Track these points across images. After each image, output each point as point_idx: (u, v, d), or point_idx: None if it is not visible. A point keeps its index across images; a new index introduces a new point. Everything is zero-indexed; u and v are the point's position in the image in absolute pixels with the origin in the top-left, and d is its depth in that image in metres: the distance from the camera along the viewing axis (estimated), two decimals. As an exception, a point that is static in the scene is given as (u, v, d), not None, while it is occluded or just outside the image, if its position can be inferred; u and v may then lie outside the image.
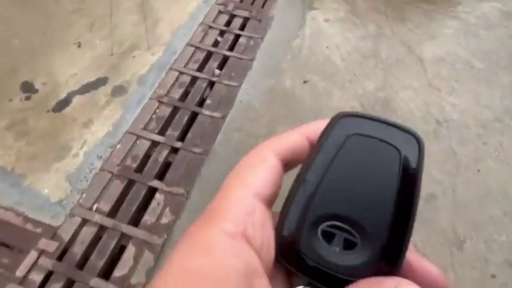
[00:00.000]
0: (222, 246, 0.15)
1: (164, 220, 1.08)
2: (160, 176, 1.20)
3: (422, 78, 1.50)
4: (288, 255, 0.17)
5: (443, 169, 1.18)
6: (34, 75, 1.49)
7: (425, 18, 1.79)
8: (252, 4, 1.87)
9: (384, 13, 1.82)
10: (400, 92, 1.45)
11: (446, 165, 1.20)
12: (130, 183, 1.16)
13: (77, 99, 1.40)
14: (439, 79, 1.50)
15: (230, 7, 1.82)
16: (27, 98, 1.41)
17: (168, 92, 1.44)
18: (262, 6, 1.86)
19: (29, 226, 1.05)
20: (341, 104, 1.39)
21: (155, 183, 1.16)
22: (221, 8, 1.82)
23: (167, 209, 1.11)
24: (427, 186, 1.14)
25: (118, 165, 1.20)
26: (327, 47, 1.63)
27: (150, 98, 1.41)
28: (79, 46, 1.61)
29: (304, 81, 1.48)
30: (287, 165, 0.20)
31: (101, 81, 1.47)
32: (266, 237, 0.17)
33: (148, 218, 1.09)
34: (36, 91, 1.43)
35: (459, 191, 1.13)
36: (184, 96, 1.45)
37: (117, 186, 1.15)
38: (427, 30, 1.73)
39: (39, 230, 1.04)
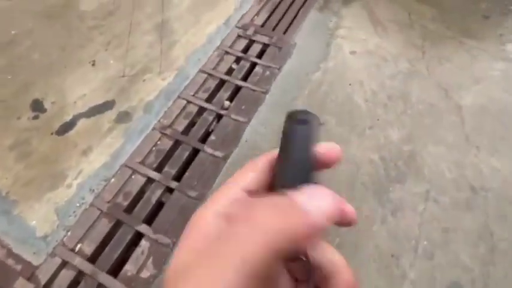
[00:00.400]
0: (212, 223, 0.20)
1: (145, 273, 0.99)
2: (150, 218, 1.12)
3: (459, 131, 1.30)
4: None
5: (475, 253, 0.99)
6: (45, 92, 1.48)
7: (469, 57, 1.58)
8: (273, 29, 1.76)
9: (420, 48, 1.63)
10: (430, 146, 1.26)
11: (479, 248, 1.00)
12: (117, 225, 1.10)
13: (81, 123, 1.37)
14: (478, 134, 1.29)
15: (250, 31, 1.72)
16: (35, 118, 1.40)
17: (173, 122, 1.36)
18: (285, 32, 1.74)
19: (10, 261, 1.01)
20: (358, 154, 1.23)
21: (143, 228, 1.08)
22: (240, 32, 1.73)
23: (150, 260, 1.02)
24: (451, 271, 0.95)
25: (108, 202, 1.13)
26: (349, 84, 1.48)
27: (153, 128, 1.34)
28: (93, 65, 1.60)
29: (319, 124, 1.34)
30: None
31: (108, 105, 1.43)
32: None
33: (129, 268, 1.01)
34: (45, 110, 1.42)
35: (492, 284, 0.93)
36: (189, 128, 1.36)
37: (104, 226, 1.09)
38: (470, 72, 1.51)
39: (19, 268, 1.00)
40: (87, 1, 1.93)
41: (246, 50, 1.66)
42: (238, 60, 1.61)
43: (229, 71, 1.57)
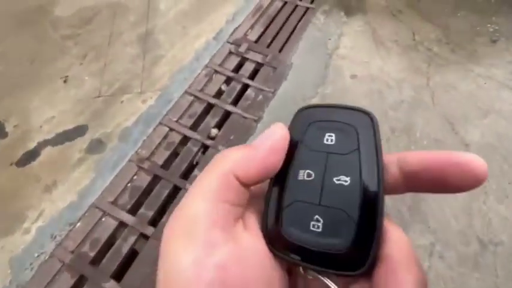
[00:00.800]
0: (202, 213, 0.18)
1: None
2: (119, 272, 0.97)
3: (466, 173, 1.19)
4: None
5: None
6: (8, 113, 1.31)
7: (475, 86, 1.47)
8: (268, 46, 1.61)
9: (425, 74, 1.51)
10: (435, 190, 1.14)
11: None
12: (81, 280, 0.95)
13: (47, 152, 1.21)
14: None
15: (243, 48, 1.57)
16: (-6, 143, 1.23)
17: (152, 154, 1.21)
18: (280, 50, 1.60)
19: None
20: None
21: (110, 285, 0.93)
22: (232, 48, 1.58)
23: (117, 328, 0.88)
24: None
25: (72, 252, 0.98)
26: (349, 113, 1.35)
27: (130, 160, 1.19)
28: (65, 81, 1.43)
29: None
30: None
31: (79, 130, 1.27)
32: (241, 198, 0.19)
33: (92, 337, 0.86)
34: (5, 135, 1.25)
35: None
36: (170, 161, 1.22)
37: (65, 282, 0.94)
38: (476, 103, 1.41)
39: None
40: (64, 6, 1.75)
41: (237, 69, 1.52)
42: (228, 80, 1.47)
43: (218, 94, 1.42)
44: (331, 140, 0.19)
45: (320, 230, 0.17)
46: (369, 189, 0.17)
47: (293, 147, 0.19)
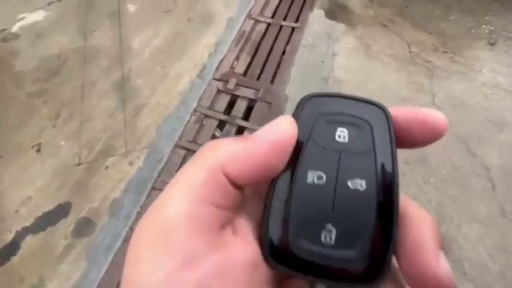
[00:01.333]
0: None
1: None
2: None
3: (491, 201, 1.11)
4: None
5: None
6: (-24, 200, 1.14)
7: (482, 96, 1.39)
8: (258, 78, 1.49)
9: (429, 90, 1.42)
10: (464, 226, 1.06)
11: None
12: None
13: (27, 243, 1.05)
14: (515, 203, 1.10)
15: (231, 84, 1.44)
16: (-36, 240, 1.06)
17: (149, 227, 1.07)
18: (272, 81, 1.47)
19: None
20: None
21: None
22: (220, 85, 1.45)
23: None
24: None
25: None
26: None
27: (125, 240, 1.05)
28: (38, 150, 1.26)
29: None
30: None
31: (61, 210, 1.11)
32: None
33: None
34: (-24, 228, 1.08)
35: None
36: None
37: None
38: (488, 117, 1.33)
39: None
40: (26, 56, 1.57)
41: (229, 109, 1.38)
42: (221, 124, 1.34)
43: (213, 142, 1.29)
44: (344, 137, 0.17)
45: (333, 240, 0.16)
46: (386, 195, 0.16)
47: (299, 142, 0.17)
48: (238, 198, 0.17)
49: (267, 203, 0.17)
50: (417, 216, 0.16)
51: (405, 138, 0.17)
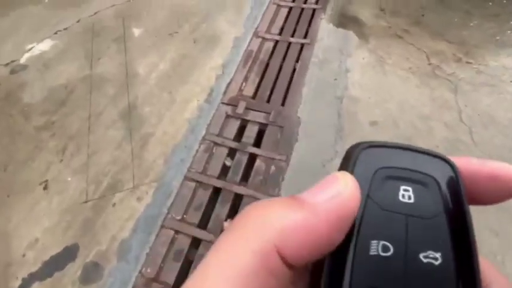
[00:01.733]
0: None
1: None
2: None
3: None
4: None
5: None
6: (-16, 243, 1.11)
7: (515, 111, 1.27)
8: (268, 100, 1.42)
9: (455, 106, 1.32)
10: (508, 259, 0.94)
11: None
12: None
13: (34, 290, 1.01)
14: None
15: (241, 108, 1.38)
16: (-29, 288, 1.03)
17: (160, 270, 1.01)
18: (283, 103, 1.40)
19: None
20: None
21: None
22: (229, 109, 1.39)
23: None
24: None
25: None
26: (379, 173, 1.15)
27: (134, 286, 0.99)
28: (45, 188, 1.23)
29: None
30: None
31: (68, 254, 1.07)
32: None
33: None
34: (-17, 275, 1.05)
35: None
36: (182, 275, 1.01)
37: None
38: (523, 133, 1.21)
39: None
40: (34, 88, 1.56)
41: (239, 135, 1.32)
42: (232, 152, 1.27)
43: (224, 171, 1.22)
44: (409, 197, 0.15)
45: None
46: (465, 270, 0.14)
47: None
48: (288, 279, 0.14)
49: (325, 281, 0.14)
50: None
51: (473, 194, 0.15)
